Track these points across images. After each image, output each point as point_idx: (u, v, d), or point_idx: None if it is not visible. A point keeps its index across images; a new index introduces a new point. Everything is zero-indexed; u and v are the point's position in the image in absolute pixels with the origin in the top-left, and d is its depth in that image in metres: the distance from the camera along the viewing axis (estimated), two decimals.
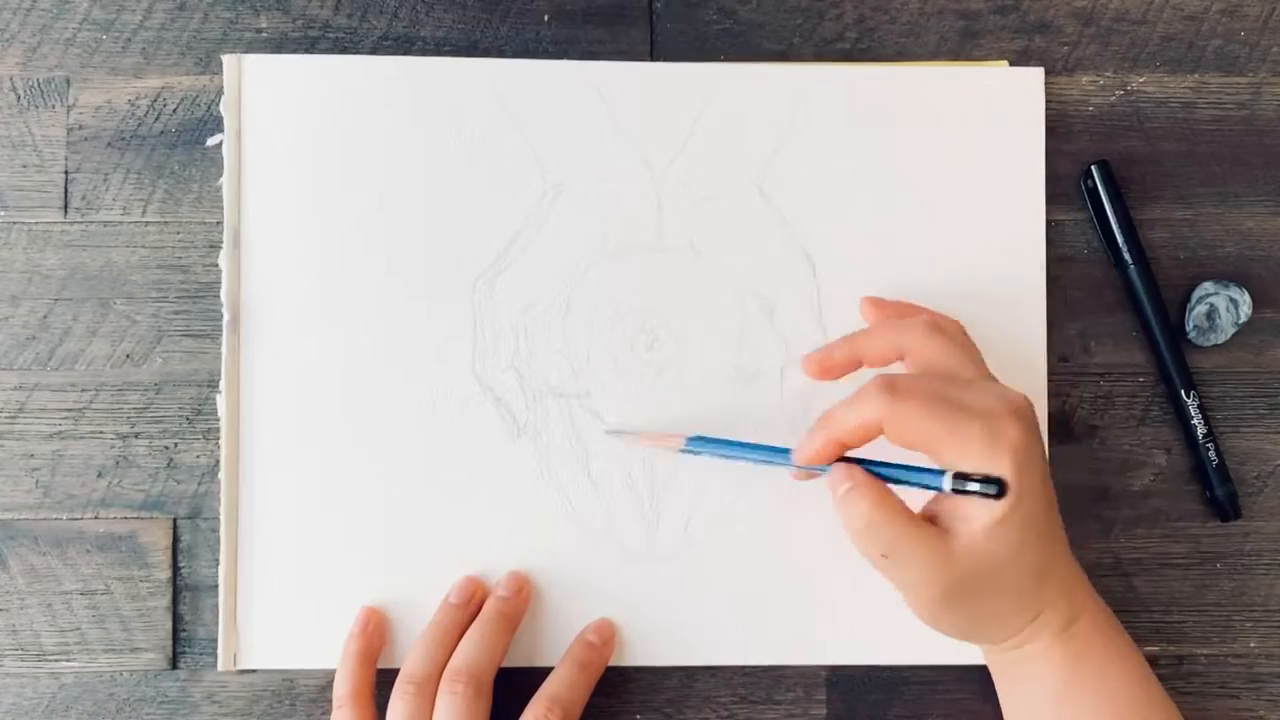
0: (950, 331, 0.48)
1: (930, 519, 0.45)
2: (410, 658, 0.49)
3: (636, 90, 0.52)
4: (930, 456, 0.44)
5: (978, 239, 0.52)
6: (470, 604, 0.50)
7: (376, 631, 0.50)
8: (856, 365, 0.48)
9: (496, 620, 0.50)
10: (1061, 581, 0.46)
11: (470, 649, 0.49)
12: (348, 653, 0.50)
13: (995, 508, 0.43)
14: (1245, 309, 0.52)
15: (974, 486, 0.42)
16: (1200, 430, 0.52)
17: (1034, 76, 0.53)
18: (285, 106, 0.52)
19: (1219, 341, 0.52)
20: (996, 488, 0.42)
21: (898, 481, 0.45)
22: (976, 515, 0.43)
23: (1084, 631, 0.46)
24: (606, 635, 0.51)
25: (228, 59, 0.52)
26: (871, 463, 0.45)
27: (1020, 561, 0.44)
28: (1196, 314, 0.52)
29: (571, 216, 0.52)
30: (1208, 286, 0.52)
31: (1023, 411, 0.44)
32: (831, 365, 0.48)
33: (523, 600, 0.51)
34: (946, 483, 0.43)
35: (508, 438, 0.52)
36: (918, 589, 0.44)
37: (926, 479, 0.43)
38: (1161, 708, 0.47)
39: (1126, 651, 0.47)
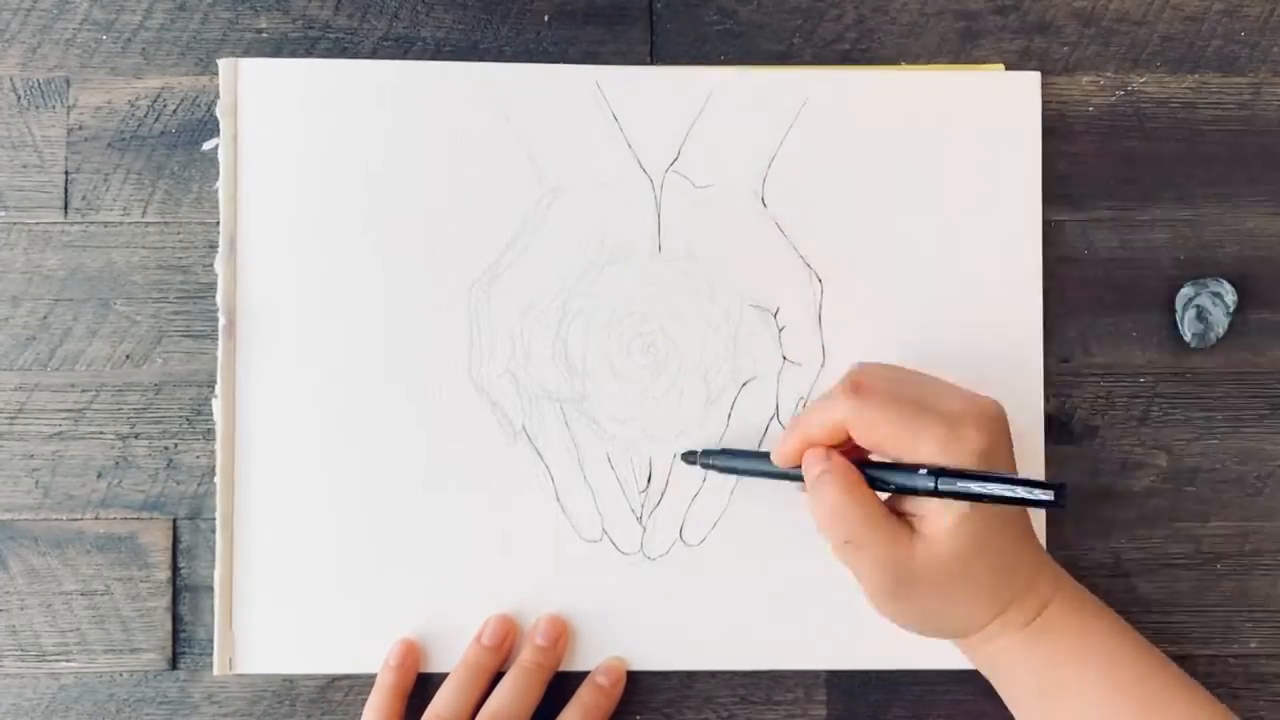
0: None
1: (897, 513, 0.45)
2: (440, 697, 0.49)
3: (634, 94, 0.52)
4: (893, 458, 0.44)
5: (975, 242, 0.52)
6: (503, 647, 0.50)
7: (413, 665, 0.50)
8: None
9: (535, 672, 0.50)
10: (1027, 576, 0.46)
11: (507, 699, 0.49)
12: (382, 684, 0.50)
13: (956, 508, 0.43)
14: (1230, 297, 0.52)
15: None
16: None
17: (1031, 80, 0.53)
18: (281, 111, 0.52)
19: (1220, 335, 0.52)
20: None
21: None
22: (939, 512, 0.43)
23: (1054, 620, 0.46)
24: (617, 676, 0.51)
25: (223, 63, 0.52)
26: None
27: (981, 560, 0.44)
28: (1189, 320, 0.52)
29: (568, 221, 0.52)
30: (1187, 291, 0.52)
31: (988, 416, 0.44)
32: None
33: (560, 650, 0.51)
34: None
35: (504, 441, 0.51)
36: (875, 577, 0.44)
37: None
38: (1159, 676, 0.46)
39: (1104, 630, 0.47)
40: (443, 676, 0.50)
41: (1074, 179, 0.53)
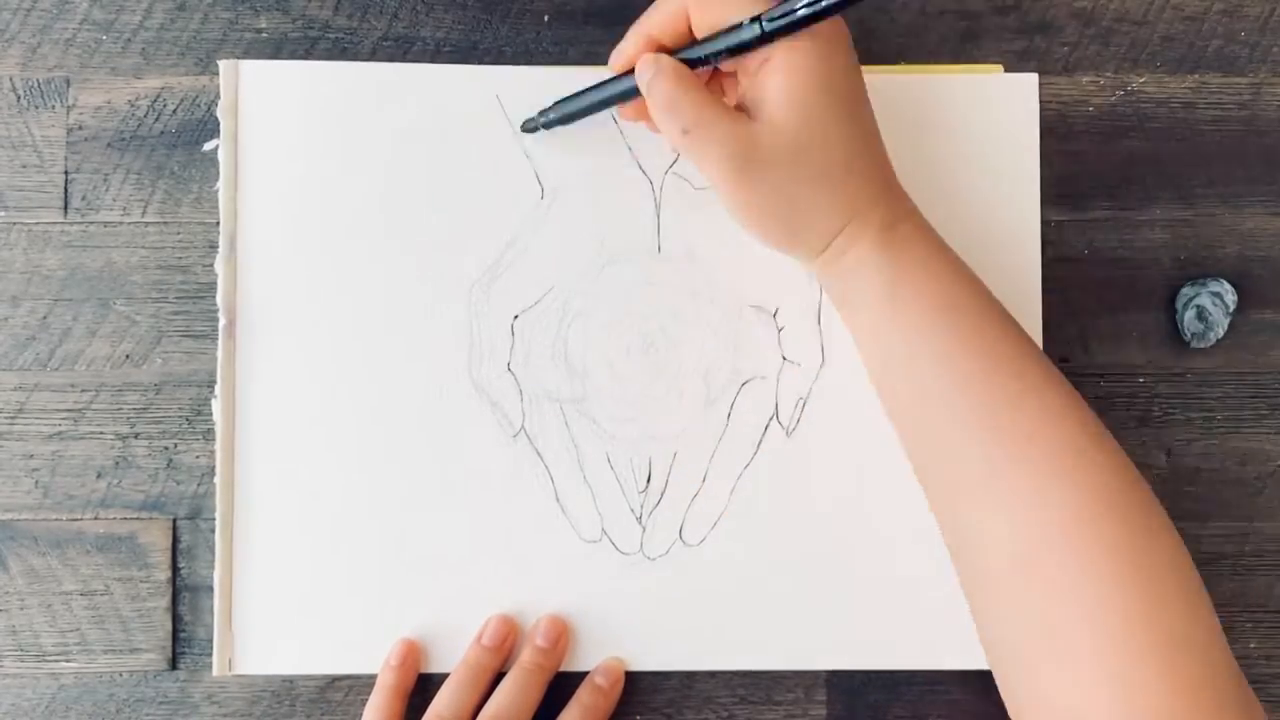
0: None
1: (738, 108, 0.45)
2: (441, 697, 0.49)
3: None
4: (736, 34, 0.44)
5: (974, 242, 0.52)
6: (503, 647, 0.50)
7: (414, 665, 0.50)
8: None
9: (536, 673, 0.50)
10: (876, 179, 0.46)
11: (508, 700, 0.49)
12: (383, 684, 0.50)
13: (797, 74, 0.43)
14: (1230, 297, 0.52)
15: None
16: None
17: (1029, 82, 0.53)
18: (282, 112, 0.52)
19: (1219, 336, 0.52)
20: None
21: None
22: (777, 87, 0.43)
23: (905, 235, 0.46)
24: (615, 677, 0.51)
25: (224, 64, 0.52)
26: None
27: (824, 139, 0.44)
28: (1188, 320, 0.52)
29: (568, 221, 0.52)
30: (1187, 291, 0.52)
31: None
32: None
33: (560, 651, 0.51)
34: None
35: (503, 441, 0.51)
36: (720, 160, 0.44)
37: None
38: (994, 310, 0.46)
39: (952, 257, 0.47)
40: (443, 676, 0.50)
41: (1074, 179, 0.53)
